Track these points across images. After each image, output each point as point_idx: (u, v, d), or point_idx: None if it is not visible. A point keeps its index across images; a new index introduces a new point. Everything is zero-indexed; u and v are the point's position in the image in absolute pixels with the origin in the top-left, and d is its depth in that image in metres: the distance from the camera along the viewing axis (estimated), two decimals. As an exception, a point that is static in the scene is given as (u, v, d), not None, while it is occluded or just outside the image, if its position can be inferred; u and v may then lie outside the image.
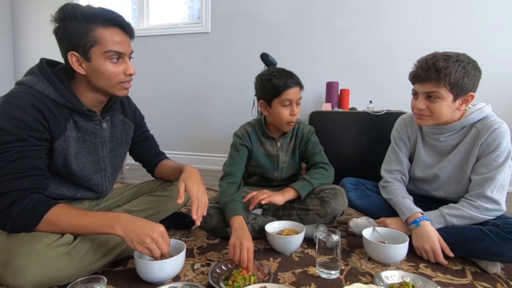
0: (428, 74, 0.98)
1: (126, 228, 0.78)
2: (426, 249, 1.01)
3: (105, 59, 0.82)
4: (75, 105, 0.85)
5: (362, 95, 2.20)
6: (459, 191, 1.12)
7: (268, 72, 1.21)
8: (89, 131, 0.92)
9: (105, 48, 0.81)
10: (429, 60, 1.00)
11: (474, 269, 0.97)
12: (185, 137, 2.82)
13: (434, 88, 0.99)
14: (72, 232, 0.80)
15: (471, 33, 2.06)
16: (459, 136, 1.10)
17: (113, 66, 0.84)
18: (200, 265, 0.97)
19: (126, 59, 0.86)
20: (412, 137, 1.23)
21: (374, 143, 1.80)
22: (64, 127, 0.85)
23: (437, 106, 1.01)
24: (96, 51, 0.81)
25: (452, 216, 1.03)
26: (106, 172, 1.01)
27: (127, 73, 0.86)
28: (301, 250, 1.09)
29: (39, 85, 0.82)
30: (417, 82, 1.04)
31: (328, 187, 1.19)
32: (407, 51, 2.18)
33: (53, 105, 0.82)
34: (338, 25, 2.32)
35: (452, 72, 0.95)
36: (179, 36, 2.76)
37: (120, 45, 0.83)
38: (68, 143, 0.86)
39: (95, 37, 0.80)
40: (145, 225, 0.80)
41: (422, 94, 1.04)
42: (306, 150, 1.31)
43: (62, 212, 0.78)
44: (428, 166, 1.17)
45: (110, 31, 0.82)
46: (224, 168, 1.25)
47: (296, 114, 1.19)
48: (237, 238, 0.94)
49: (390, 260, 0.98)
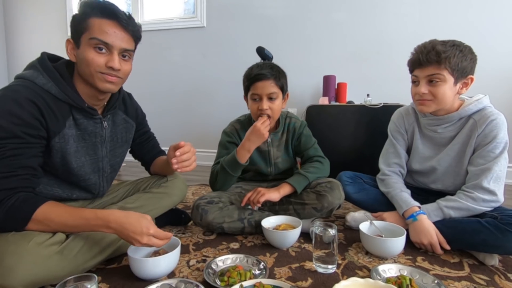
0: (429, 57, 0.98)
1: (118, 228, 0.77)
2: (424, 243, 1.01)
3: (90, 46, 0.80)
4: (76, 101, 0.83)
5: (359, 88, 2.18)
6: (456, 183, 1.11)
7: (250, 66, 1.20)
8: (88, 129, 0.89)
9: (91, 35, 0.80)
10: (428, 45, 1.01)
11: (472, 262, 0.96)
12: (182, 133, 2.80)
13: (436, 70, 0.99)
14: (62, 231, 0.78)
15: (468, 25, 2.03)
16: (457, 128, 1.08)
17: (95, 54, 0.81)
18: (195, 261, 0.96)
19: (114, 52, 0.82)
20: (409, 130, 1.21)
21: (372, 137, 1.79)
22: (63, 125, 0.83)
23: (440, 89, 1.00)
24: (84, 38, 0.80)
25: (450, 208, 1.03)
26: (104, 172, 0.99)
27: (108, 64, 0.82)
28: (297, 245, 1.08)
29: (40, 79, 0.80)
30: (417, 68, 1.04)
31: (324, 180, 1.18)
32: (404, 44, 2.15)
33: (53, 101, 0.80)
34: (335, 18, 2.29)
35: (451, 56, 0.97)
36: (174, 31, 2.73)
37: (107, 35, 0.80)
38: (67, 141, 0.84)
39: (87, 25, 0.80)
40: (136, 223, 0.77)
41: (423, 79, 1.03)
42: (299, 145, 1.29)
43: (51, 211, 0.75)
44: (426, 159, 1.16)
45: (102, 21, 0.80)
46: (213, 167, 1.24)
47: (264, 108, 1.14)
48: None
49: (388, 253, 0.97)
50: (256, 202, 1.10)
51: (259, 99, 1.16)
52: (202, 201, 1.12)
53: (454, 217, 1.02)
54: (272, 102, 1.16)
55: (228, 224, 1.11)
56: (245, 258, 0.92)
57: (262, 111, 1.15)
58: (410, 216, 1.05)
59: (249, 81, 1.16)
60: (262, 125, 1.12)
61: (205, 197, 1.14)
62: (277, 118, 1.24)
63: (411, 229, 1.05)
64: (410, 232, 1.04)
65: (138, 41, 0.90)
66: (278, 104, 1.18)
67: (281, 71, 1.20)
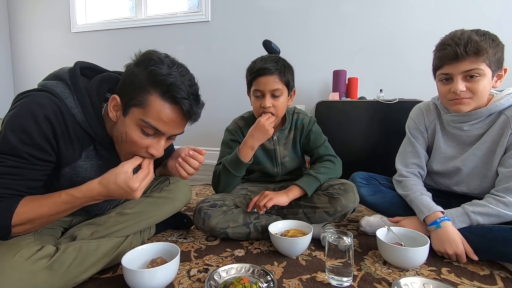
0: (467, 49, 0.87)
1: (106, 198, 0.72)
2: (449, 253, 0.91)
3: (138, 126, 0.71)
4: (100, 137, 0.74)
5: (371, 83, 2.07)
6: (483, 186, 1.01)
7: (254, 59, 1.10)
8: (111, 161, 0.79)
9: (145, 117, 0.69)
10: (461, 35, 0.89)
11: (504, 274, 0.86)
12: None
13: (474, 65, 0.88)
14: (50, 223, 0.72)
15: (487, 16, 1.90)
16: (486, 125, 0.98)
17: (140, 137, 0.71)
18: (197, 270, 0.88)
19: (161, 138, 0.74)
20: (430, 127, 1.11)
21: (386, 135, 1.68)
22: (78, 155, 0.74)
23: (480, 84, 0.90)
24: (136, 112, 0.70)
25: (477, 214, 0.92)
26: (115, 201, 0.93)
27: (149, 150, 0.73)
28: (308, 252, 0.99)
29: (69, 100, 0.70)
30: (451, 63, 0.91)
31: (337, 182, 1.09)
32: (419, 36, 2.04)
33: (75, 128, 0.71)
34: (345, 10, 2.18)
35: (488, 47, 0.86)
36: (178, 26, 2.65)
37: (162, 124, 0.71)
38: (78, 173, 0.76)
39: (145, 100, 0.69)
40: (120, 187, 0.70)
41: (458, 75, 0.91)
42: (309, 142, 1.20)
43: (27, 210, 0.66)
44: (449, 159, 1.06)
45: (165, 105, 0.69)
46: (215, 167, 1.15)
47: (267, 106, 1.05)
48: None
49: (409, 264, 0.88)
50: (263, 207, 1.02)
51: (261, 95, 1.06)
52: (205, 204, 1.04)
53: (482, 224, 0.92)
54: (275, 99, 1.06)
55: (233, 229, 1.03)
56: (251, 268, 0.83)
57: (264, 109, 1.06)
58: (433, 223, 0.95)
59: (251, 75, 1.07)
60: (267, 121, 1.04)
61: (207, 200, 1.06)
62: (281, 116, 1.15)
63: (434, 237, 0.95)
64: (433, 240, 0.95)
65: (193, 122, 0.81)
66: (282, 101, 1.08)
67: (287, 66, 1.09)
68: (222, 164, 1.10)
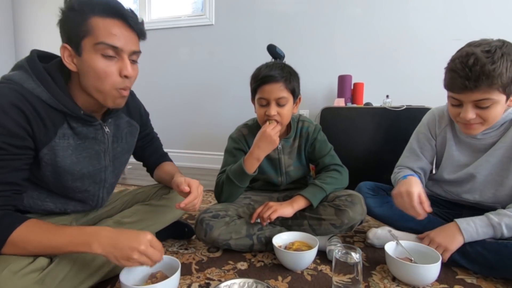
0: (478, 83, 0.80)
1: (107, 245, 0.66)
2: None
3: (96, 53, 0.69)
4: (70, 108, 0.72)
5: (377, 89, 2.03)
6: (498, 194, 0.96)
7: (259, 66, 1.07)
8: (89, 136, 0.79)
9: (97, 39, 0.68)
10: (472, 64, 0.80)
11: (520, 293, 0.82)
12: (189, 135, 2.71)
13: (485, 95, 0.81)
14: (43, 253, 0.68)
15: (496, 19, 1.86)
16: (500, 132, 0.94)
17: (105, 63, 0.70)
18: (198, 285, 0.85)
19: (124, 56, 0.72)
20: (440, 135, 1.07)
21: (393, 142, 1.63)
22: (53, 135, 0.72)
23: (491, 112, 0.84)
24: (87, 43, 0.69)
25: (504, 226, 0.86)
26: (105, 182, 0.88)
27: (122, 73, 0.72)
28: (313, 266, 0.95)
29: (28, 83, 0.69)
30: (460, 92, 0.85)
31: (343, 193, 1.05)
32: (427, 40, 2.00)
33: (43, 108, 0.69)
34: (350, 13, 2.15)
35: (503, 72, 0.78)
36: (182, 29, 2.64)
37: (116, 39, 0.69)
38: (56, 152, 0.73)
39: (88, 27, 0.68)
40: (129, 237, 0.67)
41: (469, 103, 0.85)
42: (314, 151, 1.16)
43: (29, 232, 0.65)
44: (462, 166, 1.02)
45: (107, 22, 0.69)
46: (218, 177, 1.12)
47: (272, 114, 1.01)
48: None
49: (420, 281, 0.84)
50: (267, 219, 0.98)
51: (266, 103, 1.03)
52: (207, 215, 1.01)
53: (507, 237, 0.87)
54: (281, 108, 1.03)
55: (236, 240, 0.99)
56: (254, 284, 0.80)
57: (269, 117, 1.03)
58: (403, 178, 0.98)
59: (256, 83, 1.03)
60: (273, 131, 1.00)
61: (210, 210, 1.03)
62: (286, 124, 1.12)
63: (396, 186, 0.98)
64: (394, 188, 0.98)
65: (142, 40, 0.79)
66: (288, 109, 1.05)
67: (293, 73, 1.06)
68: (226, 175, 1.06)
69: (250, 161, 1.02)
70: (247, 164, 1.02)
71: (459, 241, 0.90)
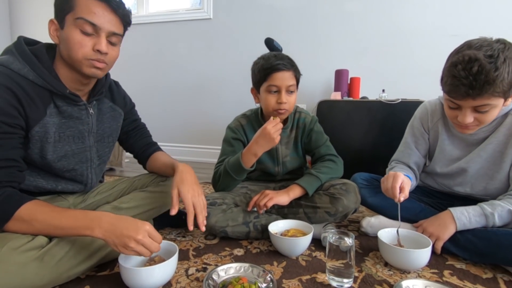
0: (482, 92, 0.79)
1: (107, 231, 0.68)
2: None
3: (76, 27, 0.73)
4: (55, 87, 0.76)
5: (374, 83, 2.05)
6: (489, 188, 0.99)
7: (261, 56, 1.09)
8: (74, 116, 0.82)
9: (77, 14, 0.73)
10: (477, 72, 0.78)
11: (508, 278, 0.85)
12: (187, 129, 2.71)
13: (486, 101, 0.82)
14: (47, 233, 0.70)
15: (493, 15, 1.88)
16: (491, 127, 0.96)
17: (81, 37, 0.74)
18: (195, 269, 0.87)
19: (102, 35, 0.75)
20: (432, 129, 1.09)
21: (388, 135, 1.66)
22: (43, 112, 0.76)
23: (489, 115, 0.86)
24: (69, 18, 0.74)
25: (496, 216, 0.88)
26: (92, 163, 0.91)
27: (95, 47, 0.75)
28: (308, 252, 0.98)
29: (15, 64, 0.73)
30: (461, 99, 0.84)
31: (338, 182, 1.07)
32: (423, 35, 2.02)
33: (31, 87, 0.73)
34: (348, 8, 2.16)
35: (505, 77, 0.78)
36: (180, 23, 2.63)
37: (95, 16, 0.73)
38: (47, 130, 0.77)
39: (73, 4, 0.73)
40: (128, 226, 0.70)
41: (468, 108, 0.86)
42: (310, 142, 1.18)
43: (36, 209, 0.68)
44: (454, 160, 1.04)
45: (90, 1, 0.74)
46: (216, 166, 1.14)
47: (284, 102, 1.05)
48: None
49: (411, 266, 0.86)
50: (263, 207, 1.00)
51: (277, 91, 1.06)
52: (204, 202, 1.03)
53: (498, 226, 0.90)
54: (290, 95, 1.07)
55: (232, 228, 1.01)
56: (250, 268, 0.82)
57: (281, 105, 1.05)
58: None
59: (266, 70, 1.05)
60: (273, 128, 1.00)
61: (207, 198, 1.04)
62: (291, 112, 1.15)
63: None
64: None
65: (127, 27, 0.83)
66: (294, 98, 1.10)
67: (296, 65, 1.12)
68: (224, 167, 1.08)
69: (247, 156, 1.04)
70: (244, 159, 1.03)
71: (451, 230, 0.93)
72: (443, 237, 0.93)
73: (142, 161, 1.10)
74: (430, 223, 0.97)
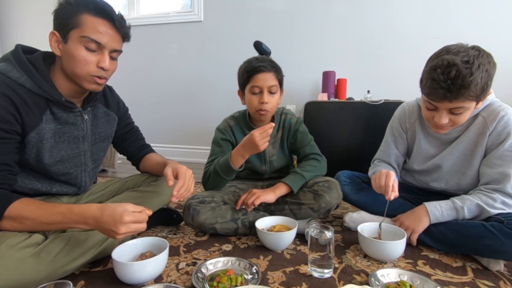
0: (458, 95, 0.86)
1: (94, 226, 0.73)
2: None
3: (81, 44, 0.78)
4: (52, 95, 0.79)
5: (360, 84, 2.12)
6: (461, 183, 1.06)
7: (245, 60, 1.15)
8: (69, 122, 0.86)
9: (83, 32, 0.77)
10: (454, 77, 0.84)
11: (476, 266, 0.92)
12: (179, 130, 2.75)
13: (461, 104, 0.88)
14: (40, 229, 0.75)
15: (472, 18, 1.96)
16: (463, 127, 1.03)
17: (86, 53, 0.78)
18: (185, 264, 0.92)
19: (105, 52, 0.81)
20: (410, 129, 1.16)
21: (372, 134, 1.73)
22: (39, 119, 0.79)
23: (462, 117, 0.93)
24: (74, 34, 0.77)
25: (466, 210, 0.95)
26: (87, 166, 0.95)
27: (99, 65, 0.80)
28: (293, 247, 1.03)
29: (13, 73, 0.76)
30: (439, 101, 0.90)
31: (321, 179, 1.13)
32: (408, 38, 2.10)
33: (28, 95, 0.77)
34: (336, 11, 2.23)
35: (478, 82, 0.84)
36: (171, 26, 2.66)
37: (101, 36, 0.78)
38: (43, 135, 0.81)
39: (78, 21, 0.77)
40: (110, 218, 0.71)
41: (444, 110, 0.92)
42: (295, 142, 1.24)
43: (23, 208, 0.72)
44: (429, 157, 1.11)
45: (96, 20, 0.78)
46: (206, 166, 1.19)
47: (266, 102, 1.11)
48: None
49: (387, 257, 0.93)
50: (251, 205, 1.05)
51: (259, 92, 1.11)
52: (194, 200, 1.08)
53: (468, 219, 0.97)
54: (271, 96, 1.13)
55: (221, 224, 1.06)
56: (237, 261, 0.87)
57: (263, 105, 1.11)
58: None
59: (248, 73, 1.12)
60: (260, 136, 1.02)
61: (197, 197, 1.09)
62: (273, 114, 1.20)
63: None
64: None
65: (126, 41, 0.88)
66: (277, 98, 1.15)
67: (279, 66, 1.18)
68: (213, 167, 1.13)
69: (235, 157, 1.08)
70: (233, 160, 1.08)
71: (425, 223, 0.99)
72: (418, 230, 1.00)
73: (135, 162, 1.14)
74: (406, 217, 1.04)
